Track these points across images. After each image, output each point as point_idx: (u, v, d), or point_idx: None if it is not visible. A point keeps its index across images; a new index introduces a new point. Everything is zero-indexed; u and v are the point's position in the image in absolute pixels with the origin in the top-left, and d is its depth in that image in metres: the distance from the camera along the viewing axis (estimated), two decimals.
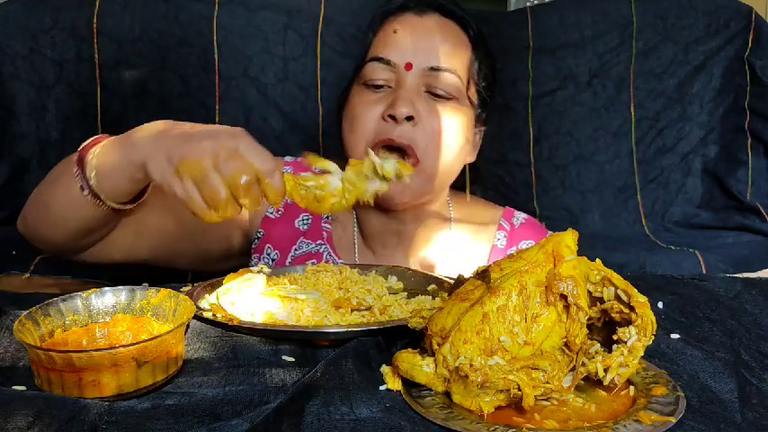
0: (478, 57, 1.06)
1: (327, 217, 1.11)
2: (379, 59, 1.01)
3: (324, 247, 1.08)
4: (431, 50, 1.00)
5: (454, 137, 1.00)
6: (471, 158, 1.11)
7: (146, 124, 0.77)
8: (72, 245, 0.88)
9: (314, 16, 1.40)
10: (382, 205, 1.02)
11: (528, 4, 2.27)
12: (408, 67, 0.99)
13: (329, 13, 1.41)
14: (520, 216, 1.18)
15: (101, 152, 0.79)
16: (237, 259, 1.09)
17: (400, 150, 0.97)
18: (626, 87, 1.47)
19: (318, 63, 1.40)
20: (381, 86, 1.01)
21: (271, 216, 1.10)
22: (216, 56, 1.36)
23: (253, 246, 1.10)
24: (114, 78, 1.33)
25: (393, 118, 0.97)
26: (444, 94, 1.00)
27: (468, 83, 1.04)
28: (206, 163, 0.69)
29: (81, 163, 0.79)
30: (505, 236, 1.13)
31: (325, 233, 1.10)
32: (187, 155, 0.70)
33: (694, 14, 1.45)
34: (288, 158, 1.15)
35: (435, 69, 0.99)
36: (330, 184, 0.74)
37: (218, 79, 1.37)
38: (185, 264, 1.07)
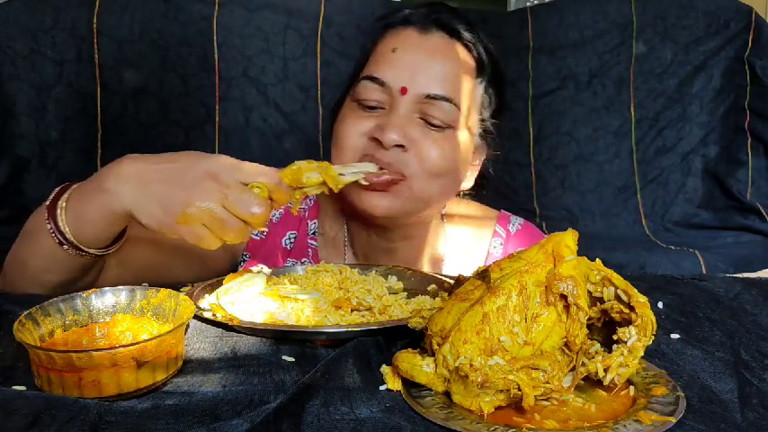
0: (484, 81, 0.99)
1: (313, 233, 1.08)
2: (374, 79, 0.94)
3: (309, 264, 1.06)
4: (429, 76, 0.93)
5: (447, 166, 0.95)
6: (468, 184, 1.06)
7: (113, 165, 0.74)
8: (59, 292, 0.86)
9: (314, 16, 1.41)
10: (366, 218, 0.98)
11: (528, 4, 2.28)
12: (403, 91, 0.93)
13: (329, 13, 1.41)
14: (516, 221, 1.14)
15: (71, 205, 0.75)
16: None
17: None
18: (626, 87, 1.47)
19: (318, 63, 1.40)
20: (374, 107, 0.95)
21: (256, 238, 1.06)
22: (216, 56, 1.36)
23: (240, 267, 1.07)
24: (114, 78, 1.33)
25: (380, 142, 0.91)
26: (439, 123, 0.94)
27: (469, 111, 0.97)
28: (216, 207, 0.68)
29: (52, 217, 0.76)
30: (501, 243, 1.10)
31: (310, 250, 1.07)
32: (190, 201, 0.68)
33: (694, 14, 1.45)
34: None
35: (432, 98, 0.93)
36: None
37: (218, 79, 1.37)
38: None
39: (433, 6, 1.00)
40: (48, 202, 0.77)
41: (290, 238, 1.07)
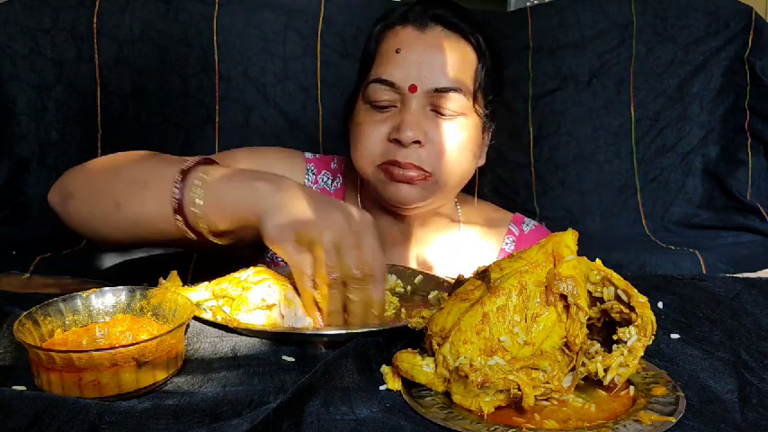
0: (485, 64, 1.03)
1: None
2: (383, 81, 0.99)
3: None
4: (435, 71, 0.97)
5: (462, 151, 1.00)
6: (482, 162, 1.10)
7: (272, 175, 0.75)
8: (123, 243, 0.86)
9: (314, 16, 1.40)
10: (391, 209, 1.03)
11: (528, 4, 2.27)
12: (413, 89, 0.97)
13: (329, 13, 1.41)
14: (530, 223, 1.18)
15: (211, 182, 0.75)
16: (250, 249, 1.08)
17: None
18: (626, 87, 1.47)
19: (318, 63, 1.40)
20: (386, 107, 0.99)
21: None
22: (216, 56, 1.36)
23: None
24: (114, 78, 1.33)
25: (399, 141, 0.96)
26: (451, 113, 0.98)
27: (476, 95, 1.02)
28: (328, 238, 0.68)
29: (183, 184, 0.75)
30: (514, 241, 1.14)
31: None
32: (314, 223, 0.69)
33: (694, 14, 1.45)
34: (308, 155, 1.15)
35: (440, 90, 0.97)
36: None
37: (218, 79, 1.37)
38: (206, 251, 1.04)
39: (428, 1, 1.03)
40: (185, 167, 0.76)
41: None
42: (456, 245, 1.11)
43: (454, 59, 0.99)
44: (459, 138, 0.99)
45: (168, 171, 0.77)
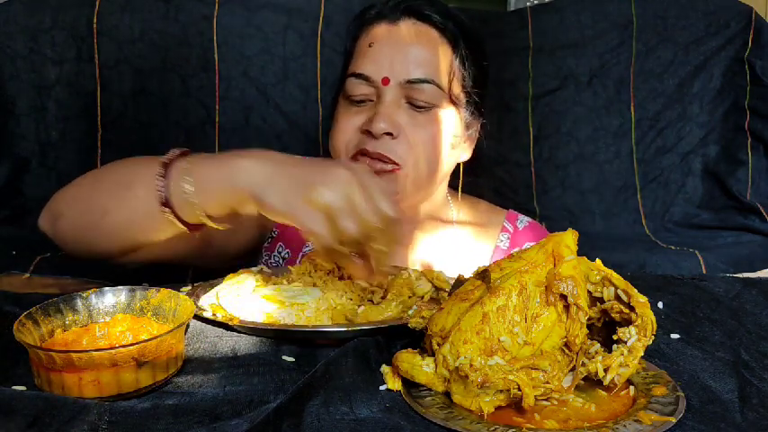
0: (461, 55, 1.03)
1: None
2: (357, 75, 1.00)
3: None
4: (407, 63, 0.98)
5: (438, 145, 1.00)
6: (466, 156, 1.10)
7: (250, 151, 0.75)
8: (117, 254, 0.85)
9: (314, 16, 1.41)
10: None
11: (528, 4, 2.27)
12: (385, 81, 0.98)
13: (329, 13, 1.41)
14: (524, 219, 1.18)
15: (198, 169, 0.74)
16: (245, 257, 1.09)
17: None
18: (626, 87, 1.47)
19: (318, 63, 1.40)
20: (362, 101, 1.00)
21: None
22: (216, 56, 1.36)
23: (265, 244, 1.11)
24: (114, 78, 1.33)
25: (371, 133, 0.96)
26: (425, 105, 0.99)
27: (451, 86, 1.01)
28: (341, 194, 0.68)
29: (166, 176, 0.75)
30: (508, 238, 1.14)
31: None
32: (322, 182, 0.68)
33: (694, 14, 1.45)
34: None
35: (413, 82, 0.98)
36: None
37: (218, 79, 1.37)
38: (198, 263, 1.05)
39: None
40: (165, 159, 0.76)
41: None
42: (451, 244, 1.11)
43: (426, 51, 1.00)
44: (433, 129, 0.99)
45: (149, 168, 0.76)
